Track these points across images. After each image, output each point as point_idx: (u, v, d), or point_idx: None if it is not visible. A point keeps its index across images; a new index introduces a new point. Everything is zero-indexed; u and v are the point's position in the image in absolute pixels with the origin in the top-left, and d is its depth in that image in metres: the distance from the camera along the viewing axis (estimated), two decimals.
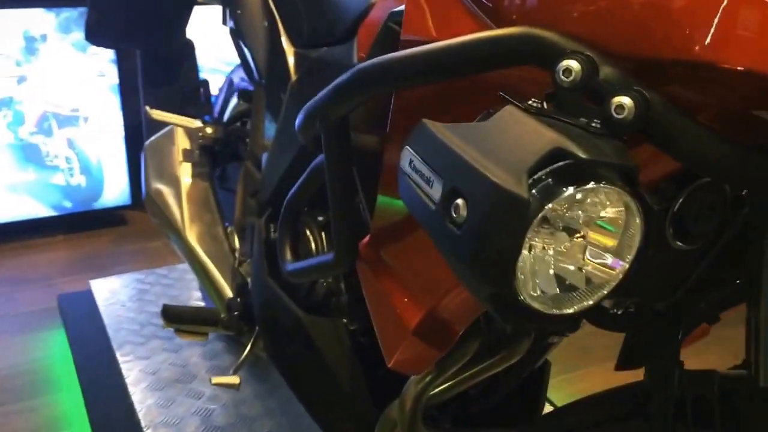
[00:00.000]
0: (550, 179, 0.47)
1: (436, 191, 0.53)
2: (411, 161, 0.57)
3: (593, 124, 0.50)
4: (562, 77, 0.51)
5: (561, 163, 0.47)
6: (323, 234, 1.19)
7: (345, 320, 1.16)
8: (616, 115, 0.49)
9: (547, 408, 1.20)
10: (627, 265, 0.50)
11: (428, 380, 0.96)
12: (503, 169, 0.48)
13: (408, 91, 0.73)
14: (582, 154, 0.46)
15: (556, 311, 0.50)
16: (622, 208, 0.49)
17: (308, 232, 1.18)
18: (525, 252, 0.48)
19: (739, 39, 0.48)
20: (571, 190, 0.47)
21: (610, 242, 0.51)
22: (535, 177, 0.47)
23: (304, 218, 1.17)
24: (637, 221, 0.49)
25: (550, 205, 0.46)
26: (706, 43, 0.49)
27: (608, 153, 0.47)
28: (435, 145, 0.54)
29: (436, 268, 0.79)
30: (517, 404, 1.19)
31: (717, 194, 0.67)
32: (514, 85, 0.60)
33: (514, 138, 0.50)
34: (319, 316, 1.17)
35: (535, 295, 0.50)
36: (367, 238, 0.87)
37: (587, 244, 0.51)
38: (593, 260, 0.51)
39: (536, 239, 0.50)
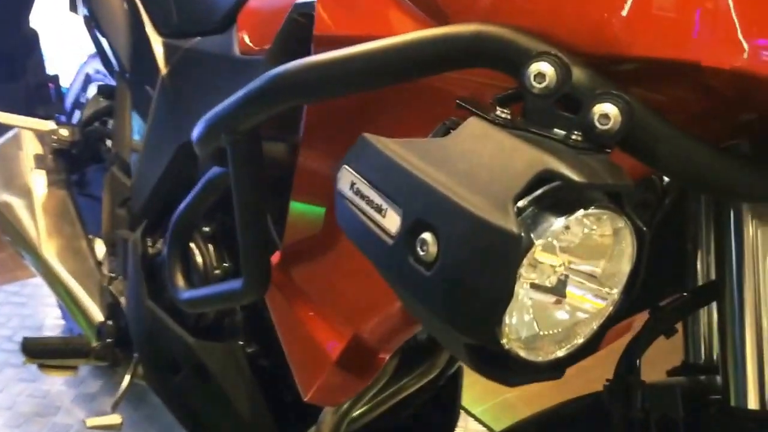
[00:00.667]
0: (536, 207, 0.40)
1: (391, 222, 0.44)
2: (353, 184, 0.48)
3: (573, 137, 0.43)
4: (534, 83, 0.43)
5: (548, 188, 0.39)
6: (211, 247, 1.06)
7: (242, 342, 1.05)
8: (600, 126, 0.42)
9: (462, 416, 1.16)
10: (617, 295, 0.44)
11: (346, 408, 0.88)
12: (483, 198, 0.40)
13: None
14: (575, 177, 0.39)
15: (543, 357, 0.43)
16: (610, 232, 0.43)
17: (194, 247, 1.05)
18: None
19: (726, 38, 0.43)
20: (563, 219, 0.39)
21: (595, 270, 0.44)
22: (520, 205, 0.39)
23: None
24: (629, 245, 0.43)
25: (542, 240, 0.39)
26: (691, 41, 0.43)
27: (600, 172, 0.41)
28: (387, 167, 0.45)
29: (359, 289, 0.71)
30: (432, 414, 1.14)
31: (650, 190, 0.64)
32: (460, 90, 0.53)
33: (488, 157, 0.42)
34: (210, 341, 1.05)
35: (519, 340, 0.43)
36: (276, 257, 0.77)
37: (569, 274, 0.44)
38: (577, 292, 0.44)
39: None
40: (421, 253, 0.42)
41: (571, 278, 0.44)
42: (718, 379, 0.60)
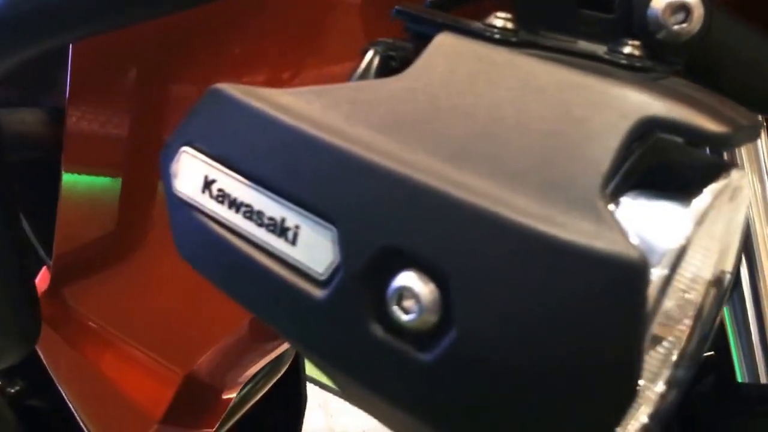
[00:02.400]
0: (641, 195, 0.20)
1: (312, 253, 0.22)
2: (209, 181, 0.24)
3: (626, 50, 0.24)
4: None
5: (645, 150, 0.20)
6: None
7: None
8: (673, 25, 0.24)
9: (313, 389, 0.98)
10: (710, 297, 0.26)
11: None
12: (533, 191, 0.19)
13: None
14: (712, 126, 0.20)
15: None
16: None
17: None
18: None
19: None
20: (697, 207, 0.21)
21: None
22: (620, 198, 0.20)
23: None
24: (740, 217, 0.25)
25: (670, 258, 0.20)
26: None
27: (726, 109, 0.22)
28: (291, 143, 0.22)
29: (188, 308, 0.48)
30: (275, 410, 0.94)
31: None
32: None
33: (514, 107, 0.21)
34: None
35: None
36: (44, 277, 0.50)
37: None
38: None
39: None
40: (404, 316, 0.20)
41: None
42: None
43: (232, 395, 0.53)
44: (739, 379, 0.43)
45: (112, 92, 0.42)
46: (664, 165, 0.21)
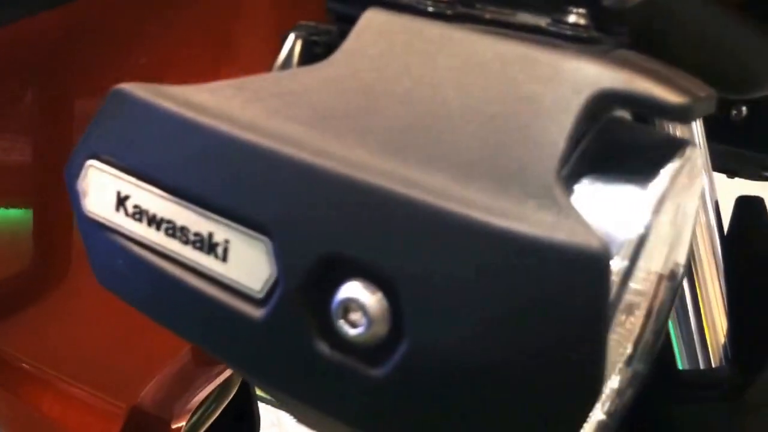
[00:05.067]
0: (595, 178, 0.19)
1: (244, 268, 0.20)
2: (122, 198, 0.22)
3: (571, 19, 0.22)
4: None
5: (601, 129, 0.19)
6: None
7: None
8: None
9: (265, 408, 0.95)
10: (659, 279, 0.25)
11: None
12: (483, 182, 0.17)
13: None
14: (670, 96, 0.18)
15: None
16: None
17: None
18: None
19: None
20: (659, 192, 0.19)
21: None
22: (573, 185, 0.18)
23: None
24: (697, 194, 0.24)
25: (631, 248, 0.18)
26: None
27: (679, 79, 0.21)
28: (214, 145, 0.20)
29: (119, 336, 0.44)
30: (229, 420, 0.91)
31: None
32: None
33: (457, 88, 0.19)
34: None
35: None
36: None
37: None
38: None
39: None
40: (351, 330, 0.18)
41: None
42: None
43: (181, 424, 0.50)
44: (680, 366, 0.42)
45: (15, 115, 0.38)
46: (617, 145, 0.19)
